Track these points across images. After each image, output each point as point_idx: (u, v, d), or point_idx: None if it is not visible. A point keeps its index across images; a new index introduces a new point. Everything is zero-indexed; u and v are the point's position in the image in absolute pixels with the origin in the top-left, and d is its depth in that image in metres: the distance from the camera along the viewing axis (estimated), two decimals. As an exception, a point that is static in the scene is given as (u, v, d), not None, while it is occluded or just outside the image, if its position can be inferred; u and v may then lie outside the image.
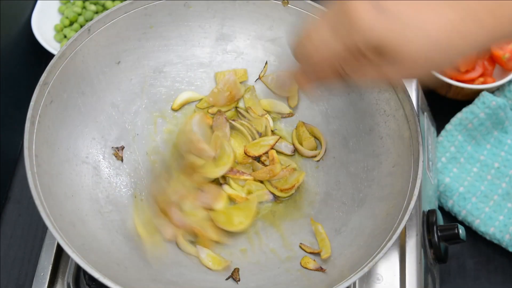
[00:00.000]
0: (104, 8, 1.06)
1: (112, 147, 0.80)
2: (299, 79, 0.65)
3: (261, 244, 0.78)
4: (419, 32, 0.52)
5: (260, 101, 0.86)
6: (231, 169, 0.80)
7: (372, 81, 0.59)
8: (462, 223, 0.95)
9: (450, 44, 0.53)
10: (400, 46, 0.53)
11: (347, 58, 0.56)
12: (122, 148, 0.80)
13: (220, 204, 0.78)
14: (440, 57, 0.54)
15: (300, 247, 0.76)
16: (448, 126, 0.99)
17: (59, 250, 0.77)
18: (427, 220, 0.82)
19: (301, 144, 0.83)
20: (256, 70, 0.87)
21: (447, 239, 0.81)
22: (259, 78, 0.87)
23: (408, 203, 0.70)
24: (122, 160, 0.80)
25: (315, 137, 0.84)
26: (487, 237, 0.93)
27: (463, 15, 0.52)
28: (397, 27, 0.52)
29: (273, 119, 0.85)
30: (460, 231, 0.81)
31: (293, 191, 0.80)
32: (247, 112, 0.84)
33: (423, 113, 0.91)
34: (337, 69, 0.58)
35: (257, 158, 0.81)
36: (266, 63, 0.87)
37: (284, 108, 0.86)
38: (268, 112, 0.86)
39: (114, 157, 0.80)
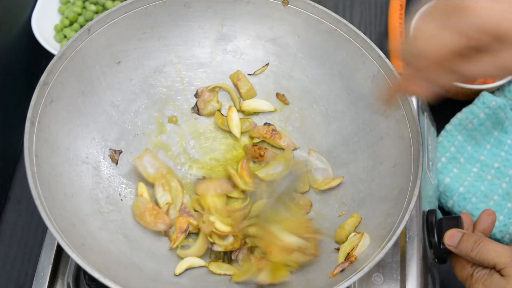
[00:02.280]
0: (104, 8, 1.06)
1: (110, 149, 0.80)
2: (406, 85, 0.64)
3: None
4: None
5: (243, 103, 0.86)
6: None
7: (486, 73, 0.58)
8: (462, 223, 0.95)
9: None
10: None
11: (460, 50, 0.56)
12: (120, 152, 0.80)
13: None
14: None
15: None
16: (448, 126, 0.99)
17: (59, 250, 0.77)
18: (427, 220, 0.82)
19: None
20: (255, 70, 0.87)
21: (449, 251, 0.81)
22: (253, 74, 0.87)
23: (408, 203, 0.70)
24: (116, 163, 0.80)
25: None
26: (487, 237, 0.93)
27: None
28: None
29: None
30: None
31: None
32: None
33: (423, 113, 0.91)
34: (448, 64, 0.58)
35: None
36: (267, 64, 0.87)
37: (268, 107, 0.86)
38: (251, 112, 0.86)
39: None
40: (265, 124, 0.86)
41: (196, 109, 0.86)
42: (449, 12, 0.55)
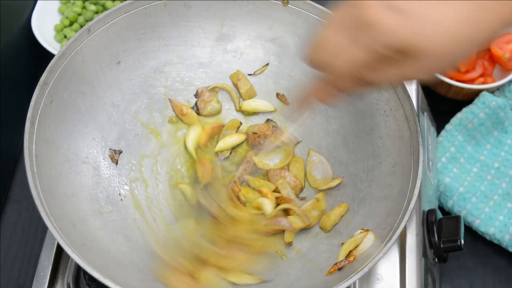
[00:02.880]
0: (104, 8, 1.07)
1: (110, 149, 0.80)
2: (317, 94, 0.65)
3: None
4: (438, 28, 0.54)
5: (243, 103, 0.86)
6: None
7: (392, 82, 0.61)
8: (462, 223, 0.95)
9: (468, 35, 0.55)
10: (422, 44, 0.54)
11: (367, 62, 0.57)
12: (120, 152, 0.80)
13: None
14: (460, 49, 0.56)
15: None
16: (448, 126, 0.99)
17: (59, 250, 0.77)
18: (427, 220, 0.82)
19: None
20: (255, 70, 0.87)
21: (448, 250, 0.81)
22: (253, 74, 0.87)
23: (408, 203, 0.70)
24: (116, 163, 0.80)
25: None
26: (487, 237, 0.93)
27: (476, 6, 0.54)
28: (417, 26, 0.54)
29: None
30: (463, 242, 0.81)
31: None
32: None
33: (423, 113, 0.91)
34: (356, 74, 0.59)
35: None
36: (267, 64, 0.87)
37: (268, 107, 0.86)
38: (251, 112, 0.86)
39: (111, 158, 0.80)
40: (267, 120, 0.86)
41: (196, 109, 0.86)
42: (358, 27, 0.55)
